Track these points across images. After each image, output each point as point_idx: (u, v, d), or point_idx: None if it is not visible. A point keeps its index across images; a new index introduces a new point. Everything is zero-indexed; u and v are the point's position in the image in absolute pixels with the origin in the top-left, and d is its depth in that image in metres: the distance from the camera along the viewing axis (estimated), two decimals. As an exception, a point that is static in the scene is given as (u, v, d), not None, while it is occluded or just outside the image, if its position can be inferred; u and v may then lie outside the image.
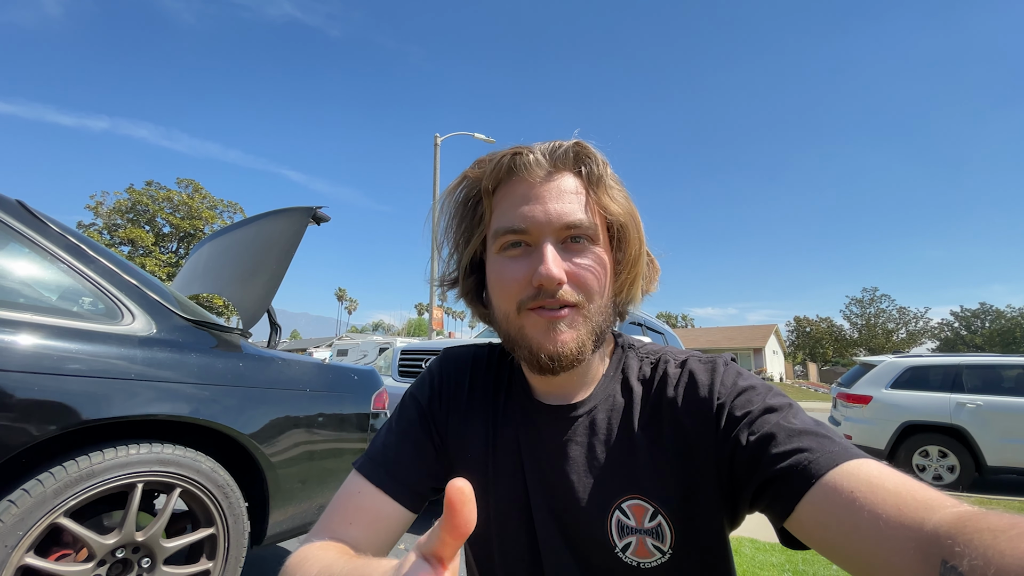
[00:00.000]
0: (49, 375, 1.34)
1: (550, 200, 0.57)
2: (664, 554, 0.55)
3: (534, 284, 0.56)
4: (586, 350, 0.58)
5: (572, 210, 0.57)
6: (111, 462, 1.41)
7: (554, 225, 0.56)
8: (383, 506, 0.60)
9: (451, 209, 0.65)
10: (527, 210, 0.57)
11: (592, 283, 0.57)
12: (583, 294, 0.57)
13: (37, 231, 1.54)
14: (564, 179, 0.59)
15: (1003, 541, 0.31)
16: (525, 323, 0.58)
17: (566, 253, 0.57)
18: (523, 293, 0.57)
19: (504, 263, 0.59)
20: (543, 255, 0.55)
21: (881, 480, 0.41)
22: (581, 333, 0.57)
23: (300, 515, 1.93)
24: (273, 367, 1.91)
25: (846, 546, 0.41)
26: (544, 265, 0.54)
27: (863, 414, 5.91)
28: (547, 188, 0.58)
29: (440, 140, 13.40)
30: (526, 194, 0.58)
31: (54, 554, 1.39)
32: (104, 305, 1.60)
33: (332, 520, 0.59)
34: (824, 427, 0.49)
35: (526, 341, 0.58)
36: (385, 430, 0.68)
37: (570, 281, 0.56)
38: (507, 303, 0.59)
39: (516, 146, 0.60)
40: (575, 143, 0.59)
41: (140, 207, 33.04)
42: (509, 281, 0.58)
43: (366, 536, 0.57)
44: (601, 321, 0.59)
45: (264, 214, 2.53)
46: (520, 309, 0.58)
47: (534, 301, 0.57)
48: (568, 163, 0.59)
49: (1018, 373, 5.48)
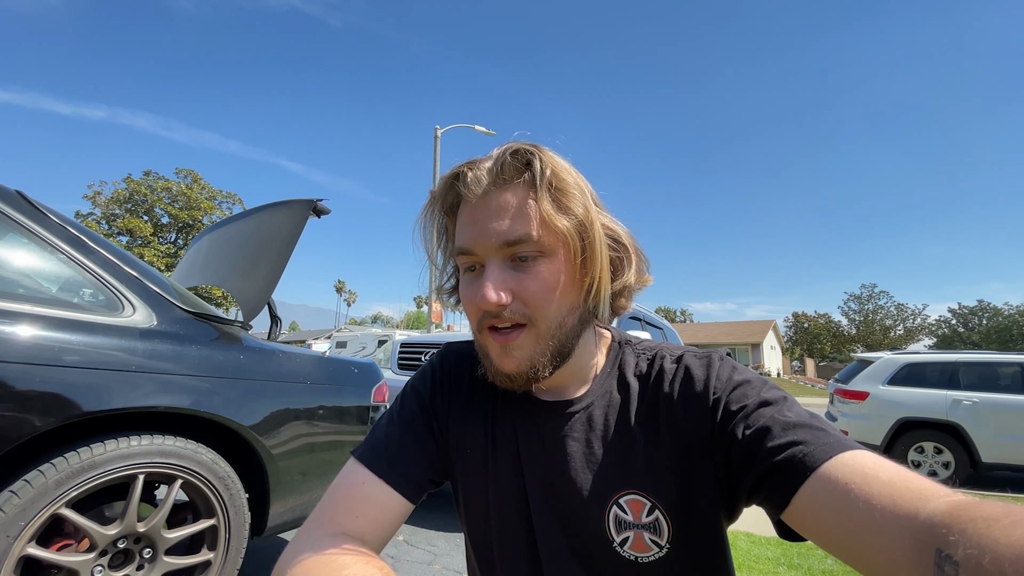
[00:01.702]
0: (50, 367, 1.34)
1: (490, 219, 0.55)
2: (662, 548, 0.56)
3: (479, 307, 0.56)
4: (543, 368, 0.57)
5: (510, 227, 0.55)
6: (112, 453, 1.42)
7: (494, 244, 0.55)
8: (387, 498, 0.60)
9: (430, 226, 0.65)
10: (470, 231, 0.57)
11: (540, 299, 0.55)
12: (532, 310, 0.56)
13: (37, 222, 1.54)
14: (505, 194, 0.56)
15: (997, 529, 0.32)
16: (487, 342, 0.59)
17: (514, 271, 0.56)
18: (477, 314, 0.58)
19: (464, 284, 0.60)
20: (484, 277, 0.56)
21: (875, 471, 0.42)
22: (534, 353, 0.57)
23: (301, 507, 1.94)
24: (274, 360, 1.92)
25: (842, 537, 0.41)
26: (482, 289, 0.55)
27: (860, 410, 5.94)
28: (488, 206, 0.56)
29: (440, 132, 13.34)
30: (471, 214, 0.57)
31: (56, 544, 1.40)
32: (104, 297, 1.59)
33: (338, 512, 0.58)
34: (819, 419, 0.50)
35: (488, 360, 0.60)
36: (386, 421, 0.67)
37: (517, 299, 0.55)
38: (471, 322, 0.61)
39: (465, 162, 0.59)
40: (512, 151, 0.56)
41: (138, 197, 32.83)
42: (467, 303, 0.60)
43: (371, 529, 0.57)
44: (560, 334, 0.57)
45: (265, 206, 2.52)
46: (480, 328, 0.59)
47: (485, 320, 0.57)
48: (509, 174, 0.56)
49: (1014, 371, 5.51)
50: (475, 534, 0.67)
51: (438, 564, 2.58)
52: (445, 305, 0.71)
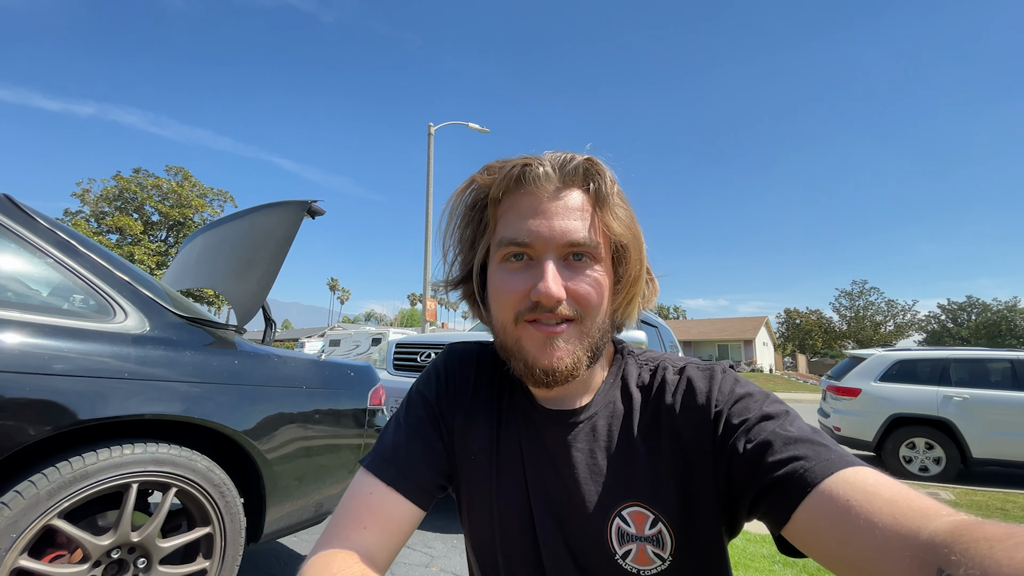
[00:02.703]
0: (40, 375, 1.31)
1: (556, 216, 0.57)
2: (664, 561, 0.56)
3: (532, 299, 0.56)
4: (581, 366, 0.58)
5: (576, 228, 0.57)
6: (105, 462, 1.40)
7: (558, 242, 0.56)
8: (396, 506, 0.59)
9: (459, 212, 0.65)
10: (532, 224, 0.57)
11: (591, 301, 0.57)
12: (581, 311, 0.57)
13: (25, 226, 1.51)
14: (571, 195, 0.58)
15: (999, 551, 0.31)
16: (522, 335, 0.58)
17: (567, 270, 0.57)
18: (521, 305, 0.58)
19: (505, 274, 0.59)
20: (544, 271, 0.56)
21: (877, 488, 0.42)
22: (577, 349, 0.57)
23: (297, 512, 1.93)
24: (269, 364, 1.89)
25: (842, 554, 0.41)
26: (544, 282, 0.55)
27: (852, 406, 6.00)
28: (554, 204, 0.57)
29: (434, 129, 13.28)
30: (533, 207, 0.58)
31: (48, 555, 1.37)
32: (95, 302, 1.57)
33: (346, 525, 0.57)
34: (820, 434, 0.50)
35: (522, 354, 0.59)
36: (393, 427, 0.67)
37: (569, 298, 0.57)
38: (505, 314, 0.59)
39: (526, 156, 0.59)
40: (586, 159, 0.59)
41: (128, 195, 32.43)
42: (508, 293, 0.58)
43: (379, 540, 0.56)
44: (599, 337, 0.59)
45: (258, 207, 2.49)
46: (517, 320, 0.58)
47: (531, 313, 0.57)
48: (577, 179, 0.58)
49: (1004, 367, 5.59)
50: (478, 541, 0.67)
51: (435, 566, 2.57)
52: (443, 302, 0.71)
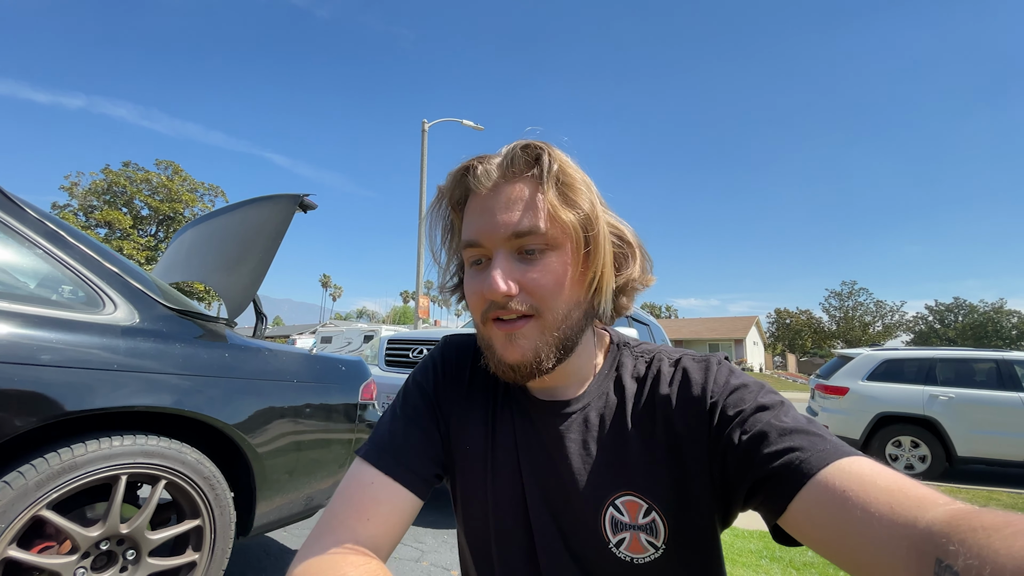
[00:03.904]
0: (29, 365, 1.30)
1: (498, 211, 0.57)
2: (657, 550, 0.56)
3: (486, 298, 0.57)
4: (547, 359, 0.58)
5: (518, 219, 0.56)
6: (94, 454, 1.39)
7: (501, 235, 0.56)
8: (396, 496, 0.59)
9: (437, 222, 0.66)
10: (478, 223, 0.58)
11: (546, 291, 0.56)
12: (538, 302, 0.56)
13: (14, 216, 1.49)
14: (514, 187, 0.57)
15: (997, 540, 0.31)
16: (491, 334, 0.59)
17: (520, 264, 0.57)
18: (483, 305, 0.58)
19: (470, 277, 0.61)
20: (490, 268, 0.56)
21: (873, 478, 0.42)
22: (539, 343, 0.57)
23: (287, 506, 1.93)
24: (259, 357, 1.89)
25: (839, 544, 0.41)
26: (489, 280, 0.55)
27: (840, 405, 6.06)
28: (497, 199, 0.57)
29: (428, 126, 13.23)
30: (480, 206, 0.58)
31: (37, 546, 1.37)
32: (85, 293, 1.56)
33: (348, 516, 0.56)
34: (816, 425, 0.50)
35: (492, 351, 0.60)
36: (389, 417, 0.67)
37: (523, 291, 0.56)
38: (475, 315, 0.61)
39: (475, 157, 0.60)
40: (522, 146, 0.57)
41: (117, 188, 32.02)
42: (472, 295, 0.60)
43: (382, 531, 0.56)
44: (566, 327, 0.58)
45: (250, 200, 2.48)
46: (484, 320, 0.59)
47: (491, 312, 0.58)
48: (519, 168, 0.57)
49: (988, 367, 5.67)
50: (472, 533, 0.67)
51: (426, 561, 2.58)
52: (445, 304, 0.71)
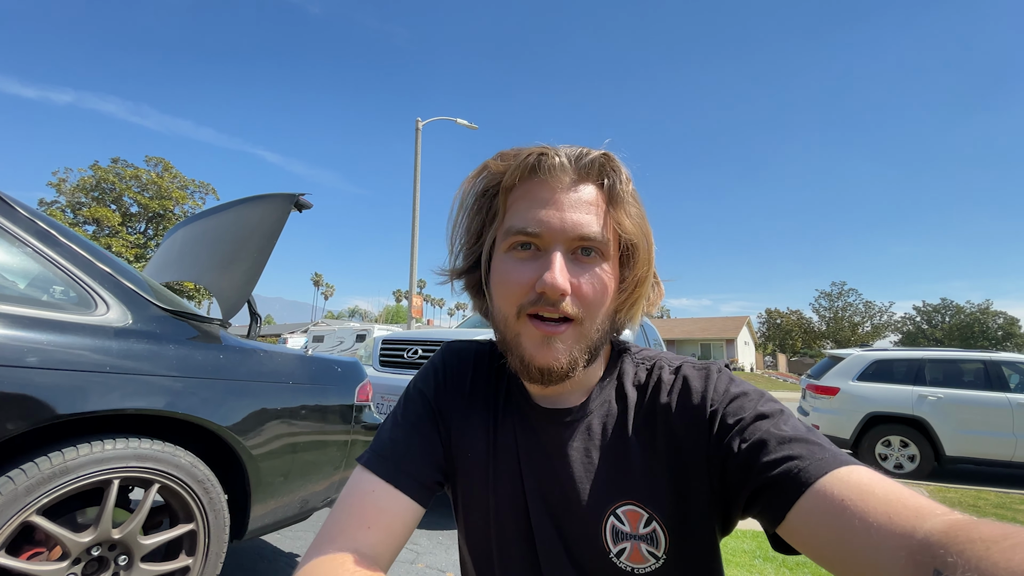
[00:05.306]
0: (20, 368, 1.28)
1: (568, 209, 0.56)
2: (658, 560, 0.56)
3: (537, 290, 0.55)
4: (578, 366, 0.57)
5: (588, 222, 0.56)
6: (86, 458, 1.37)
7: (568, 234, 0.55)
8: (398, 504, 0.58)
9: (469, 199, 0.63)
10: (543, 214, 0.56)
11: (594, 299, 0.56)
12: (584, 309, 0.56)
13: (4, 215, 1.46)
14: (585, 189, 0.57)
15: (996, 552, 0.31)
16: (522, 331, 0.57)
17: (574, 265, 0.56)
18: (524, 297, 0.56)
19: (511, 263, 0.58)
20: (551, 263, 0.54)
21: (871, 487, 0.42)
22: (575, 350, 0.57)
23: (282, 509, 1.91)
24: (254, 359, 1.87)
25: (837, 554, 0.41)
26: (550, 273, 0.54)
27: (830, 405, 6.13)
28: (567, 196, 0.56)
29: (422, 125, 13.18)
30: (545, 198, 0.57)
31: (26, 553, 1.34)
32: (76, 294, 1.53)
33: (349, 524, 0.55)
34: (815, 433, 0.50)
35: (520, 350, 0.58)
36: (391, 424, 0.66)
37: (573, 294, 0.56)
38: (507, 305, 0.58)
39: (543, 145, 0.58)
40: (603, 154, 0.58)
41: (106, 185, 31.54)
42: (513, 283, 0.57)
43: (383, 539, 0.55)
44: (597, 338, 0.58)
45: (244, 199, 2.45)
46: (519, 313, 0.57)
47: (533, 307, 0.56)
48: (593, 173, 0.58)
49: (976, 367, 5.76)
50: (473, 540, 0.66)
51: (421, 563, 2.57)
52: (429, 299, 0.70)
